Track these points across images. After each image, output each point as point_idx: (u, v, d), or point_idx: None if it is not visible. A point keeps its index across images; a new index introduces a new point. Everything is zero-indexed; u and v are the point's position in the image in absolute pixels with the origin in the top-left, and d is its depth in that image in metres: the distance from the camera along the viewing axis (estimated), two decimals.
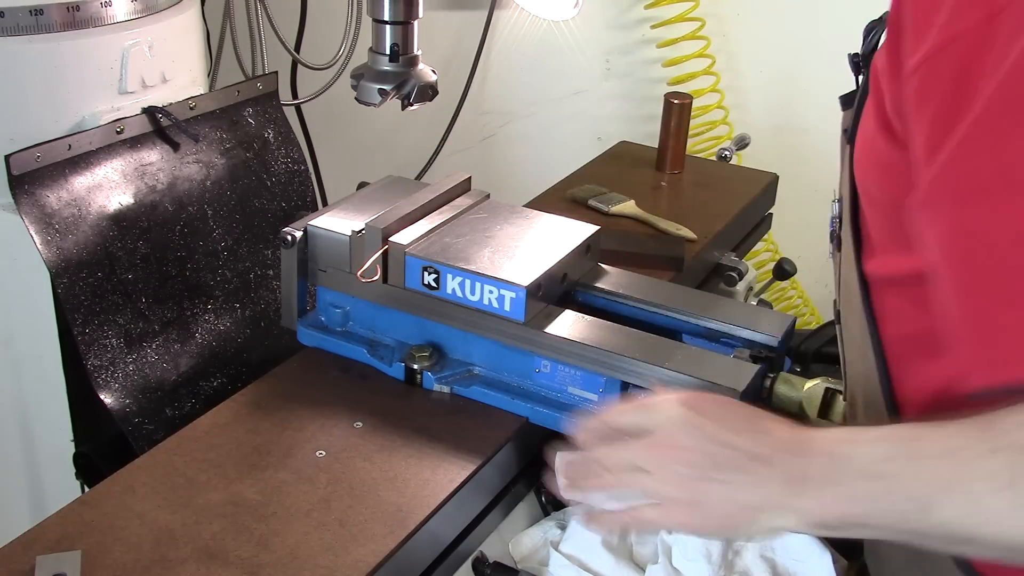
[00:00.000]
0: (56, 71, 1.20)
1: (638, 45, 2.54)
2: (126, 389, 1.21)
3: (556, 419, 1.13)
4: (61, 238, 1.18)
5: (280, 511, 0.98)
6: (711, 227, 1.62)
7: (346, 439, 1.09)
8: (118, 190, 1.25)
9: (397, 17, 1.39)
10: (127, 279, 1.24)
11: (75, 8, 1.21)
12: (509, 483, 1.14)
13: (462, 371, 1.19)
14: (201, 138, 1.36)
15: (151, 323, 1.26)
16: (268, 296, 1.42)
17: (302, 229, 1.21)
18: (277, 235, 1.23)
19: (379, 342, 1.23)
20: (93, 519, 0.96)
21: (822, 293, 2.72)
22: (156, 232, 1.29)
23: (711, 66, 2.48)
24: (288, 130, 1.49)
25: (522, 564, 1.11)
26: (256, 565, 0.92)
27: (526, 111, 2.55)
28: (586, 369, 1.12)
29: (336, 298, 1.24)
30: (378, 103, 1.43)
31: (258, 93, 1.46)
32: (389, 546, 0.95)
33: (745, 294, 1.74)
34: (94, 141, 1.23)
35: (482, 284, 1.13)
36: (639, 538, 1.11)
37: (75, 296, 1.18)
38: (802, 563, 1.06)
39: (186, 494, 1.00)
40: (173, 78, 1.33)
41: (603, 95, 2.58)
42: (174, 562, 0.92)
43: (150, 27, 1.29)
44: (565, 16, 1.98)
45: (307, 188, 1.50)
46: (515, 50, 2.38)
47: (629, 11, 2.50)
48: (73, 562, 0.90)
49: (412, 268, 1.15)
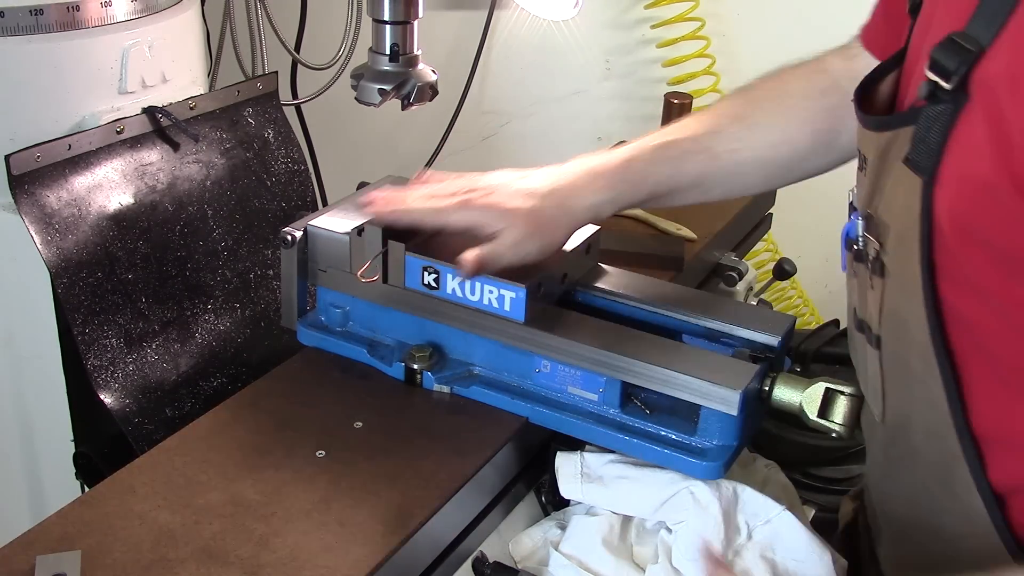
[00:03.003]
0: (56, 71, 1.20)
1: (638, 45, 2.54)
2: (126, 389, 1.21)
3: (556, 419, 1.13)
4: (61, 238, 1.18)
5: (280, 511, 0.98)
6: (711, 227, 1.62)
7: (346, 439, 1.09)
8: (118, 190, 1.25)
9: (397, 17, 1.39)
10: (127, 279, 1.24)
11: (75, 8, 1.21)
12: (509, 483, 1.14)
13: (462, 371, 1.19)
14: (201, 138, 1.36)
15: (151, 323, 1.26)
16: (268, 296, 1.42)
17: (302, 229, 1.21)
18: (277, 235, 1.23)
19: (379, 342, 1.23)
20: (93, 519, 0.96)
21: (822, 293, 2.72)
22: (156, 232, 1.29)
23: (711, 66, 2.48)
24: (288, 130, 1.49)
25: (522, 564, 1.11)
26: (256, 565, 0.92)
27: (526, 111, 2.55)
28: (586, 369, 1.12)
29: (336, 298, 1.24)
30: (378, 103, 1.43)
31: (258, 93, 1.46)
32: (389, 546, 0.95)
33: (745, 294, 1.74)
34: (94, 141, 1.23)
35: (482, 284, 1.13)
36: (639, 538, 1.11)
37: (75, 296, 1.18)
38: (802, 563, 1.06)
39: (186, 494, 1.00)
40: (173, 78, 1.33)
41: (603, 95, 2.58)
42: (174, 562, 0.92)
43: (150, 27, 1.29)
44: (565, 16, 1.98)
45: (307, 188, 1.50)
46: (515, 50, 2.38)
47: (629, 11, 2.51)
48: (73, 562, 0.90)
49: (412, 268, 1.15)
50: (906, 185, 0.87)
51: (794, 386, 1.10)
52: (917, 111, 0.86)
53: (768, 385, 1.10)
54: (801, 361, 2.16)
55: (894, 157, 0.90)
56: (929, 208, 0.85)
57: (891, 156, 0.90)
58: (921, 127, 0.85)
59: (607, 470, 1.11)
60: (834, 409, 1.08)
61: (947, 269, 0.87)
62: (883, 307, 0.95)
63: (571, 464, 1.12)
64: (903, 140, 0.88)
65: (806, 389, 1.09)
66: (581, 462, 1.12)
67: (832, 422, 1.08)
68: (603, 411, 1.13)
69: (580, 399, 1.14)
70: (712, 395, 1.06)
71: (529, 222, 1.09)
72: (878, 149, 0.93)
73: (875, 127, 0.93)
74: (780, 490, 1.22)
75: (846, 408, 1.07)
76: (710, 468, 1.06)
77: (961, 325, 0.87)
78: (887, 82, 1.02)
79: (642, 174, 1.16)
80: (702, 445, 1.08)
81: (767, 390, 1.10)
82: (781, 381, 1.10)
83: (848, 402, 1.07)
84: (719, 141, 1.19)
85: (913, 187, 0.86)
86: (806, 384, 1.09)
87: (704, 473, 1.06)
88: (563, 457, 1.12)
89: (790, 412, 1.10)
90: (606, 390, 1.12)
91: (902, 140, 0.88)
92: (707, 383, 1.06)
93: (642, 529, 1.11)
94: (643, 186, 1.16)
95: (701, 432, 1.08)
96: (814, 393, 1.08)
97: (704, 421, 1.08)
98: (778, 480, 1.24)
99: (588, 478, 1.11)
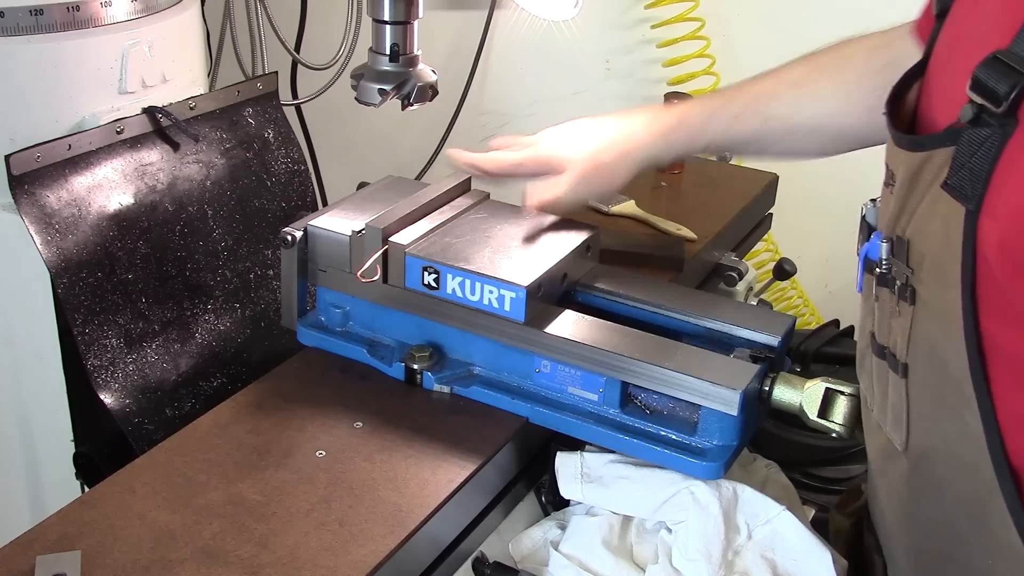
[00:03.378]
0: (56, 71, 1.21)
1: (638, 45, 2.54)
2: (126, 389, 1.21)
3: (556, 419, 1.13)
4: (61, 238, 1.18)
5: (280, 511, 0.98)
6: (711, 227, 1.62)
7: (346, 439, 1.09)
8: (118, 190, 1.25)
9: (397, 17, 1.39)
10: (127, 279, 1.24)
11: (75, 8, 1.21)
12: (509, 483, 1.14)
13: (462, 371, 1.19)
14: (201, 138, 1.36)
15: (151, 323, 1.26)
16: (268, 296, 1.42)
17: (302, 229, 1.21)
18: (277, 235, 1.23)
19: (379, 342, 1.23)
20: (93, 519, 0.96)
21: (822, 293, 2.72)
22: (156, 232, 1.29)
23: (711, 66, 2.47)
24: (288, 130, 1.49)
25: (522, 564, 1.11)
26: (256, 565, 0.92)
27: (526, 111, 2.55)
28: (586, 369, 1.12)
29: (336, 298, 1.24)
30: (378, 103, 1.43)
31: (258, 93, 1.46)
32: (389, 546, 0.95)
33: (745, 294, 1.74)
34: (94, 141, 1.23)
35: (482, 284, 1.13)
36: (639, 538, 1.11)
37: (75, 296, 1.18)
38: (802, 563, 1.06)
39: (186, 494, 1.00)
40: (173, 78, 1.33)
41: (603, 95, 2.58)
42: (174, 562, 0.92)
43: (150, 27, 1.29)
44: (565, 16, 1.97)
45: (307, 188, 1.50)
46: (515, 50, 2.38)
47: (629, 11, 2.50)
48: (73, 562, 0.90)
49: (412, 268, 1.15)
50: (945, 211, 0.82)
51: (794, 386, 1.10)
52: (956, 133, 0.80)
53: (768, 385, 1.10)
54: (801, 361, 2.16)
55: (928, 179, 0.85)
56: (972, 238, 0.80)
57: (924, 178, 0.85)
58: (963, 151, 0.79)
59: (607, 470, 1.11)
60: (834, 409, 1.08)
61: (991, 302, 0.81)
62: (912, 335, 0.90)
63: (571, 464, 1.12)
64: (939, 162, 0.82)
65: (806, 389, 1.09)
66: (581, 462, 1.12)
67: (832, 422, 1.08)
68: (603, 411, 1.13)
69: (580, 399, 1.14)
70: (712, 395, 1.06)
71: (587, 167, 1.25)
72: (909, 169, 0.87)
73: (909, 146, 0.88)
74: (780, 490, 1.22)
75: (846, 408, 1.07)
76: (710, 468, 1.06)
77: (1002, 358, 0.82)
78: (913, 91, 0.97)
79: (699, 128, 1.26)
80: (702, 445, 1.08)
81: (767, 390, 1.10)
82: (781, 381, 1.10)
83: (848, 402, 1.07)
84: (776, 104, 1.24)
85: (954, 215, 0.81)
86: (806, 384, 1.09)
87: (704, 473, 1.06)
88: (563, 457, 1.12)
89: (790, 412, 1.10)
90: (606, 390, 1.12)
91: (938, 162, 0.83)
92: (707, 383, 1.06)
93: (642, 529, 1.11)
94: (700, 139, 1.27)
95: (701, 432, 1.08)
96: (814, 393, 1.08)
97: (704, 421, 1.08)
98: (778, 480, 1.24)
99: (588, 478, 1.11)
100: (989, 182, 0.78)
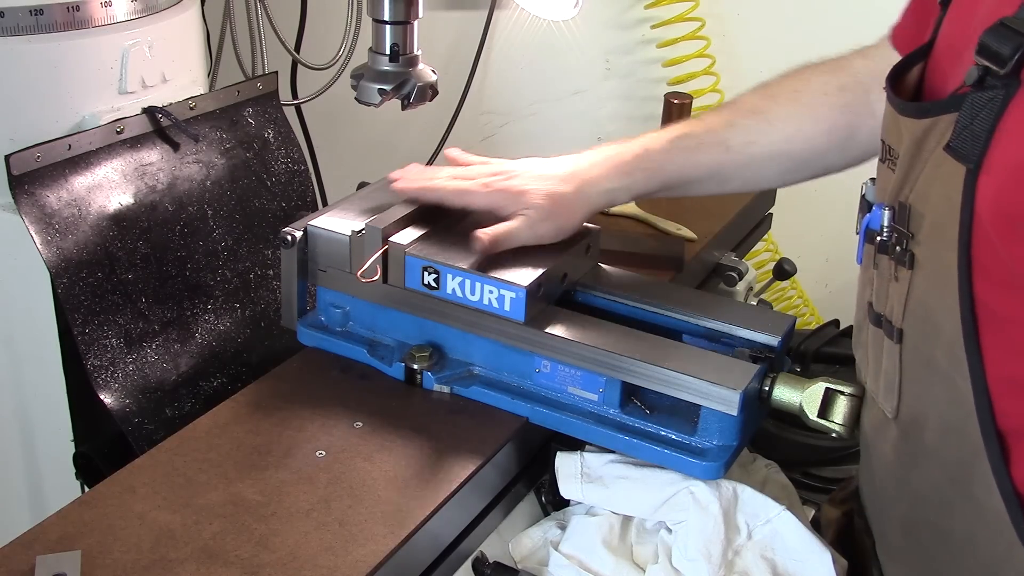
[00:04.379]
0: (56, 71, 1.21)
1: (638, 45, 2.54)
2: (126, 389, 1.21)
3: (556, 419, 1.13)
4: (61, 238, 1.18)
5: (280, 511, 0.98)
6: (711, 227, 1.62)
7: (346, 439, 1.09)
8: (118, 190, 1.25)
9: (397, 17, 1.39)
10: (127, 279, 1.24)
11: (75, 8, 1.21)
12: (509, 483, 1.14)
13: (462, 371, 1.19)
14: (201, 138, 1.36)
15: (151, 323, 1.26)
16: (268, 296, 1.42)
17: (302, 229, 1.21)
18: (277, 235, 1.23)
19: (379, 342, 1.23)
20: (93, 519, 0.96)
21: (822, 293, 2.72)
22: (156, 232, 1.29)
23: (711, 66, 2.48)
24: (288, 130, 1.49)
25: (522, 564, 1.11)
26: (256, 565, 0.92)
27: (526, 111, 2.55)
28: (586, 369, 1.12)
29: (336, 298, 1.24)
30: (378, 103, 1.43)
31: (258, 93, 1.46)
32: (389, 546, 0.95)
33: (745, 294, 1.74)
34: (94, 141, 1.23)
35: (482, 284, 1.13)
36: (639, 538, 1.11)
37: (75, 296, 1.18)
38: (802, 563, 1.06)
39: (186, 494, 1.00)
40: (173, 78, 1.33)
41: (603, 95, 2.58)
42: (174, 562, 0.92)
43: (150, 27, 1.29)
44: (565, 16, 1.97)
45: (307, 188, 1.50)
46: (515, 50, 2.38)
47: (629, 11, 2.50)
48: (73, 562, 0.90)
49: (412, 268, 1.15)
50: (946, 173, 0.85)
51: (794, 386, 1.10)
52: (960, 98, 0.83)
53: (768, 385, 1.10)
54: (801, 361, 2.16)
55: (932, 146, 0.87)
56: (971, 198, 0.82)
57: (928, 144, 0.87)
58: (965, 114, 0.82)
59: (607, 470, 1.11)
60: (834, 409, 1.08)
61: (984, 263, 0.84)
62: (908, 300, 0.92)
63: (571, 464, 1.12)
64: (943, 128, 0.85)
65: (806, 389, 1.09)
66: (581, 462, 1.12)
67: (832, 422, 1.08)
68: (603, 411, 1.13)
69: (580, 399, 1.14)
70: (712, 395, 1.06)
71: (546, 205, 1.17)
72: (913, 137, 0.89)
73: (915, 113, 0.90)
74: (780, 490, 1.22)
75: (846, 408, 1.07)
76: (710, 468, 1.06)
77: (994, 321, 0.85)
78: (913, 74, 0.99)
79: (658, 163, 1.21)
80: (702, 445, 1.08)
81: (767, 390, 1.10)
82: (781, 381, 1.10)
83: (848, 402, 1.07)
84: (735, 134, 1.22)
85: (954, 175, 0.83)
86: (806, 384, 1.09)
87: (704, 473, 1.06)
88: (563, 457, 1.12)
89: (790, 412, 1.10)
90: (606, 390, 1.12)
91: (942, 128, 0.85)
92: (707, 383, 1.06)
93: (642, 529, 1.11)
94: (658, 175, 1.22)
95: (701, 432, 1.08)
96: (814, 393, 1.08)
97: (704, 421, 1.08)
98: (778, 480, 1.24)
99: (588, 478, 1.11)
100: (990, 142, 0.80)
